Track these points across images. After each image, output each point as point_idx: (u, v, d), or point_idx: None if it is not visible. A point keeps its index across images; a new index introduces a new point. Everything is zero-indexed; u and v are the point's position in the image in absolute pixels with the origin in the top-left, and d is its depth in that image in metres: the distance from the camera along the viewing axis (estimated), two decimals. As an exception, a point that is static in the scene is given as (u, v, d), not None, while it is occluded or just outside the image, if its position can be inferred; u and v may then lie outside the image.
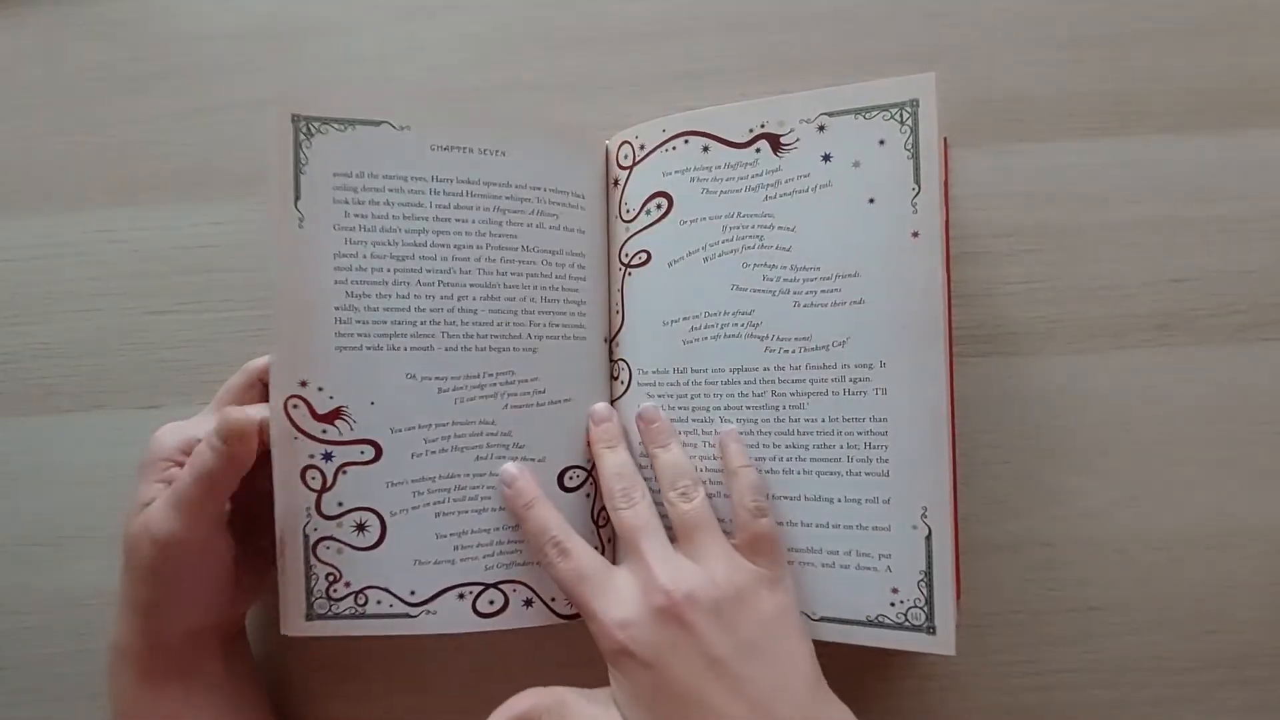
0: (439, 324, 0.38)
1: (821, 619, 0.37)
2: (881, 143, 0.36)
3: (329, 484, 0.37)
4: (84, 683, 0.43)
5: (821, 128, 0.37)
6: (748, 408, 0.38)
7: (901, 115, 0.35)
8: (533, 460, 0.39)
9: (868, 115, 0.36)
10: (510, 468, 0.38)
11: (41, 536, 0.44)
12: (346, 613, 0.37)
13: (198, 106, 0.45)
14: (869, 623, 0.36)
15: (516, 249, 0.39)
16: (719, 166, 0.38)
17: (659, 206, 0.39)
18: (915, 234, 0.35)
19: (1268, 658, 0.42)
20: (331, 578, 0.37)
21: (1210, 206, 0.43)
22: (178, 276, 0.44)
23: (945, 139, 0.43)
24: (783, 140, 0.37)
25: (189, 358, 0.44)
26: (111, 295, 0.44)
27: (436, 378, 0.38)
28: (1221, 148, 0.43)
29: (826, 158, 0.37)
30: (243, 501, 0.37)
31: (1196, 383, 0.43)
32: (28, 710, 0.44)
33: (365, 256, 0.37)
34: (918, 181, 0.35)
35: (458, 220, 0.38)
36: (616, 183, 0.41)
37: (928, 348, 0.35)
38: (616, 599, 0.35)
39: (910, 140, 0.35)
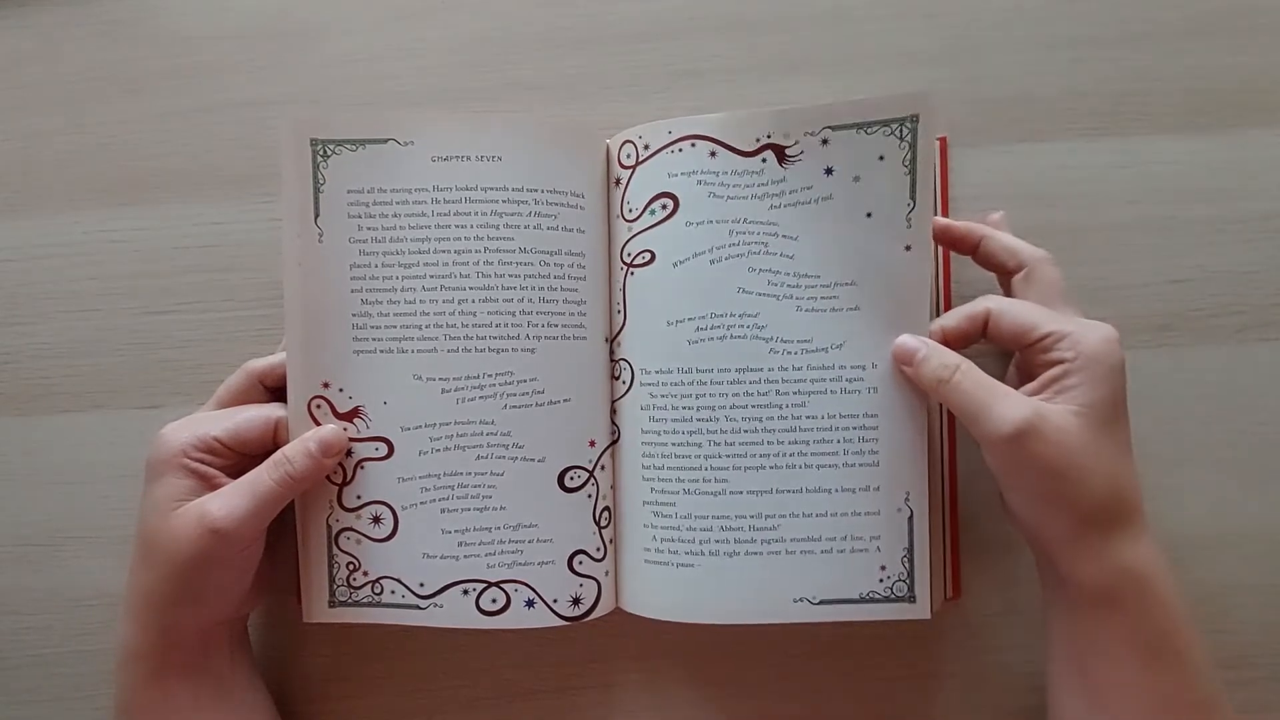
0: (441, 327, 0.39)
1: (821, 602, 0.39)
2: (881, 158, 0.37)
3: (349, 478, 0.39)
4: (84, 683, 0.43)
5: (825, 141, 0.38)
6: (753, 406, 0.39)
7: (901, 131, 0.37)
8: (532, 460, 0.39)
9: (869, 130, 0.37)
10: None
11: (41, 536, 0.44)
12: (365, 600, 0.39)
13: (198, 106, 0.45)
14: (861, 599, 0.39)
15: (514, 250, 0.39)
16: (726, 173, 0.39)
17: (664, 207, 0.39)
18: (908, 247, 0.37)
19: (1268, 658, 0.42)
20: (351, 566, 0.39)
21: (1210, 206, 0.43)
22: (178, 276, 0.44)
23: (944, 138, 0.43)
24: (788, 152, 0.38)
25: (189, 358, 0.44)
26: (111, 295, 0.44)
27: (440, 378, 0.39)
28: (1221, 148, 0.43)
29: (829, 171, 0.38)
30: None
31: (1196, 383, 0.43)
32: (28, 710, 0.44)
33: (377, 266, 0.39)
34: (913, 197, 0.37)
35: (457, 226, 0.39)
36: (618, 182, 0.41)
37: None
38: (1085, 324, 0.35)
39: (908, 156, 0.37)
